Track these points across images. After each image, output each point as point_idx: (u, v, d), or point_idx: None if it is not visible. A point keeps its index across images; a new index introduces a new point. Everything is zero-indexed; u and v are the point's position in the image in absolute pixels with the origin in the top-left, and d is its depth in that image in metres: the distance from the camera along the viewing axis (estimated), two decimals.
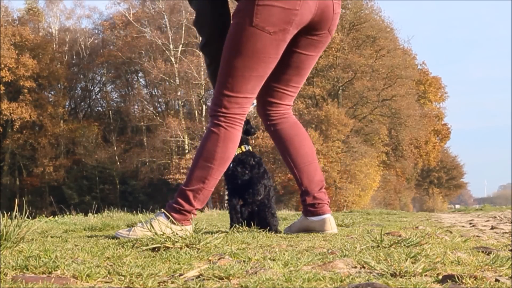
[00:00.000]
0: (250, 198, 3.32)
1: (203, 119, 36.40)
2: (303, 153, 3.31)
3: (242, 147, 3.38)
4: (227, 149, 2.97)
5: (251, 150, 3.43)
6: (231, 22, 2.98)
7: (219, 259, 1.97)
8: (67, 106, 44.26)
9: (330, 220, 3.30)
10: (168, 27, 38.34)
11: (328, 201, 3.39)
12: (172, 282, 1.58)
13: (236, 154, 3.34)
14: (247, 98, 2.99)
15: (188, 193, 2.98)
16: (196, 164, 3.00)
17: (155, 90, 43.55)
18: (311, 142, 3.42)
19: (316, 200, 3.30)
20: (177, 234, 2.43)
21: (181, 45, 38.31)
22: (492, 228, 4.40)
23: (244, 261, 1.91)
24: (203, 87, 36.31)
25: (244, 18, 2.87)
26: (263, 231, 3.23)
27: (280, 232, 3.34)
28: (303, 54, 3.15)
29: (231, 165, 3.31)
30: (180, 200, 3.00)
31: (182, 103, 40.50)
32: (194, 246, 2.27)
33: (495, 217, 7.34)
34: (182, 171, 33.78)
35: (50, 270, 1.72)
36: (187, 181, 3.01)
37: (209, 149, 2.97)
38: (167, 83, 39.01)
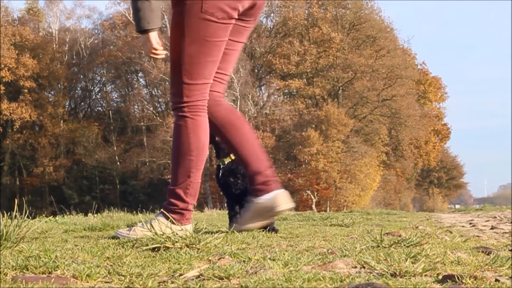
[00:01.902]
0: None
1: None
2: (247, 134, 3.24)
3: (231, 155, 3.36)
4: (200, 137, 2.99)
5: None
6: (175, 10, 2.97)
7: (219, 259, 1.97)
8: (67, 106, 44.22)
9: (283, 194, 3.17)
10: (168, 27, 38.33)
11: (277, 178, 3.30)
12: (172, 282, 1.58)
13: (226, 163, 3.36)
14: (206, 84, 3.03)
15: (178, 191, 2.99)
16: (176, 161, 3.02)
17: (155, 90, 43.53)
18: (250, 125, 3.41)
19: (266, 178, 3.18)
20: (177, 234, 2.43)
21: None
22: (492, 228, 4.40)
23: (244, 261, 1.91)
24: None
25: (192, 5, 2.91)
26: (263, 231, 3.23)
27: (277, 230, 3.33)
28: (231, 41, 3.16)
29: (222, 174, 3.35)
30: (173, 201, 3.01)
31: None
32: (194, 246, 2.27)
33: (495, 217, 7.35)
34: None
35: (50, 270, 1.72)
36: (173, 181, 3.03)
37: (183, 142, 2.99)
38: (167, 83, 38.99)
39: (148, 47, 2.96)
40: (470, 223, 5.44)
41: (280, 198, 3.12)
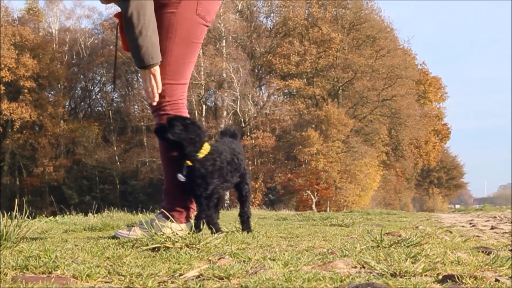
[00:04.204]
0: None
1: (203, 119, 36.41)
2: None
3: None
4: None
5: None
6: (165, 11, 2.95)
7: (219, 259, 1.97)
8: (67, 106, 44.22)
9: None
10: None
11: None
12: (172, 282, 1.58)
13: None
14: (186, 84, 3.09)
15: (174, 189, 3.00)
16: (167, 160, 3.04)
17: None
18: None
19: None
20: (177, 234, 2.43)
21: None
22: (492, 228, 4.40)
23: (244, 261, 1.91)
24: (203, 87, 36.33)
25: (187, 7, 2.94)
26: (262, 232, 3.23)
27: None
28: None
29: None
30: (170, 200, 3.01)
31: None
32: (194, 246, 2.27)
33: (495, 217, 7.35)
34: None
35: (50, 270, 1.72)
36: (167, 180, 3.03)
37: None
38: None
39: (153, 82, 2.93)
40: (470, 223, 5.44)
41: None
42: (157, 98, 2.95)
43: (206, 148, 2.95)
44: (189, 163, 2.91)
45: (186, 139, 2.89)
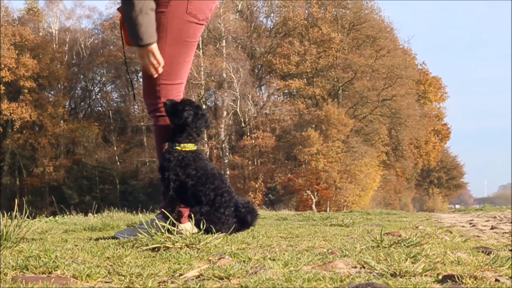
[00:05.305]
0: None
1: None
2: None
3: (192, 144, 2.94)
4: None
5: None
6: (157, 11, 2.94)
7: (219, 259, 1.97)
8: (67, 106, 44.21)
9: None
10: None
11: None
12: (172, 282, 1.58)
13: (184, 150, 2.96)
14: (182, 84, 3.08)
15: None
16: None
17: None
18: None
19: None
20: (177, 234, 2.43)
21: None
22: (492, 228, 4.40)
23: (244, 261, 1.91)
24: (203, 87, 36.34)
25: (178, 6, 2.93)
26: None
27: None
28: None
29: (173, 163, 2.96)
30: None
31: None
32: (194, 246, 2.27)
33: (495, 217, 7.34)
34: None
35: (50, 270, 1.72)
36: None
37: None
38: None
39: (153, 59, 2.93)
40: (470, 223, 5.44)
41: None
42: (160, 70, 2.95)
43: (189, 147, 2.91)
44: (166, 146, 2.95)
45: (180, 125, 2.87)
